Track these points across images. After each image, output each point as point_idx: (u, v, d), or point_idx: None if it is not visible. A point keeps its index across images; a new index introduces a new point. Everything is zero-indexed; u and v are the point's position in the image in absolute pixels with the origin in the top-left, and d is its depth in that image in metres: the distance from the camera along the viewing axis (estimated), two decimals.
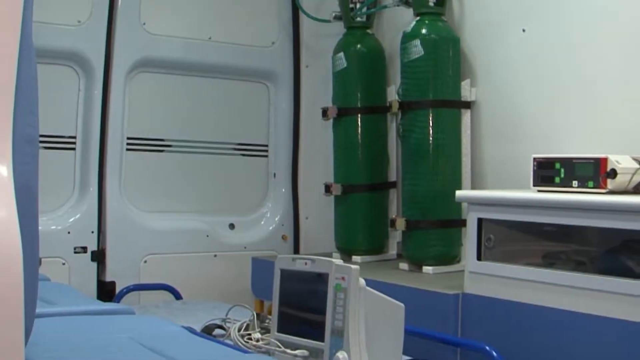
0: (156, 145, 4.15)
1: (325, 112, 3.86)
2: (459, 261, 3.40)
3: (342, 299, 2.20)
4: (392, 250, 3.90)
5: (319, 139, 4.22)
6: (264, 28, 4.38)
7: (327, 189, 3.87)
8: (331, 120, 3.91)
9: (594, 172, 2.56)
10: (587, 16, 3.14)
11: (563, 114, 3.22)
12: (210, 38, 4.18)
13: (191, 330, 2.49)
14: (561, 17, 3.23)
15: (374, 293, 2.28)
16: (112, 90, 3.93)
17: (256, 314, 2.59)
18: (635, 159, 2.61)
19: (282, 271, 2.41)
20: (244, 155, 4.39)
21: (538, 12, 3.32)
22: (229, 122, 4.34)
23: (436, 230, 3.42)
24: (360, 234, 3.85)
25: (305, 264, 2.33)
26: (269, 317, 2.51)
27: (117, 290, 3.84)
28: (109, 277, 3.89)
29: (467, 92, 3.52)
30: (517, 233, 2.86)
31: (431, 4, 3.52)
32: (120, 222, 3.96)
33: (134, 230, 4.01)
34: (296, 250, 4.43)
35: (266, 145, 4.45)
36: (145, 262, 4.00)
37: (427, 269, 3.40)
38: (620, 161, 2.55)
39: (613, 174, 2.51)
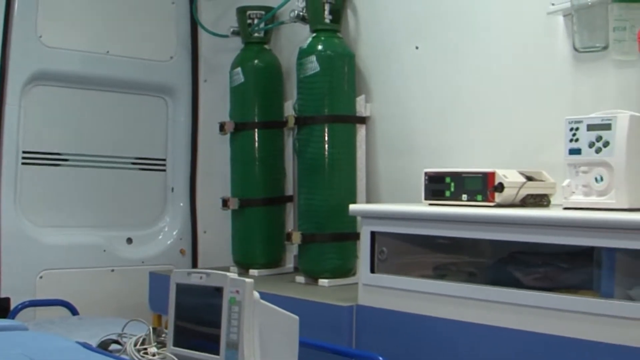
0: (53, 159, 4.08)
1: (222, 127, 3.86)
2: (354, 274, 3.44)
3: (237, 312, 2.22)
4: (289, 264, 3.91)
5: (217, 154, 4.22)
6: (162, 42, 4.36)
7: (225, 203, 3.87)
8: (228, 135, 3.90)
9: (483, 186, 2.63)
10: (477, 35, 3.23)
11: (454, 130, 3.29)
12: (108, 52, 4.14)
13: (86, 346, 2.47)
14: (452, 36, 3.31)
15: (268, 306, 2.30)
16: (7, 104, 3.85)
17: (152, 328, 2.58)
18: (522, 173, 2.69)
19: (178, 285, 2.41)
20: (141, 169, 4.36)
21: (431, 30, 3.40)
22: (127, 136, 4.30)
23: (331, 243, 3.45)
24: (257, 247, 3.86)
25: (201, 277, 2.34)
26: (166, 331, 2.51)
27: (12, 306, 3.76)
28: (3, 293, 3.79)
29: (362, 107, 3.57)
30: (409, 245, 2.92)
31: (327, 20, 3.56)
32: (14, 237, 3.87)
33: (29, 245, 3.92)
34: (194, 264, 4.41)
35: (164, 160, 4.43)
36: (41, 277, 3.93)
37: (322, 281, 3.42)
38: (508, 175, 2.63)
39: (500, 187, 2.59)
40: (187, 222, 4.44)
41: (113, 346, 2.63)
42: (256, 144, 3.85)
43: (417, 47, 3.44)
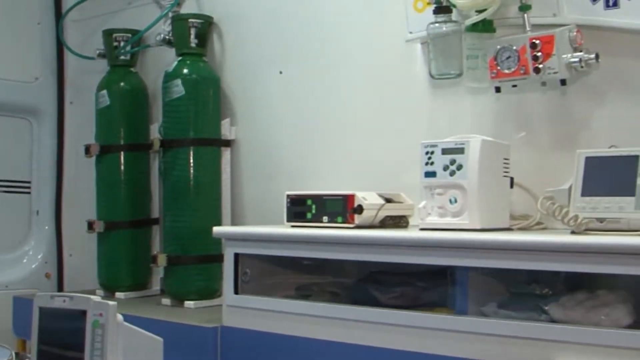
0: None
1: (88, 149, 3.81)
2: (220, 295, 3.43)
3: (100, 335, 2.19)
4: (156, 286, 3.88)
5: (82, 176, 4.15)
6: (26, 63, 4.27)
7: (90, 225, 3.81)
8: (94, 157, 3.85)
9: (343, 208, 2.67)
10: (339, 61, 3.30)
11: (317, 153, 3.34)
12: None
13: None
14: (315, 62, 3.37)
15: (132, 328, 2.28)
16: None
17: (16, 353, 2.53)
18: (381, 196, 2.75)
19: (41, 309, 2.36)
20: (5, 192, 4.25)
21: (294, 56, 3.44)
22: None
23: (197, 265, 3.44)
24: (122, 270, 3.81)
25: (64, 301, 2.30)
26: (29, 356, 2.46)
27: None
28: None
29: (227, 130, 3.58)
30: (273, 267, 2.94)
31: (193, 44, 3.57)
32: None
33: None
34: (60, 287, 4.32)
35: (29, 182, 4.33)
36: None
37: (188, 303, 3.41)
38: (367, 197, 2.68)
39: (360, 209, 2.64)
40: (52, 245, 4.35)
41: None
42: (122, 167, 3.80)
43: (281, 72, 3.48)
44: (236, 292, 2.87)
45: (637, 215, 2.15)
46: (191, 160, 3.45)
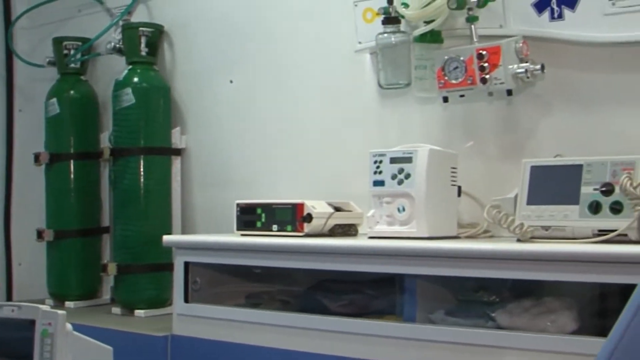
0: None
1: (37, 158, 3.77)
2: (170, 304, 3.41)
3: (49, 345, 2.16)
4: (106, 295, 3.84)
5: (32, 185, 4.10)
6: None
7: (39, 234, 3.77)
8: (44, 166, 3.81)
9: (292, 216, 2.67)
10: (288, 70, 3.30)
11: (267, 162, 3.34)
12: None
13: None
14: (266, 71, 3.37)
15: (81, 337, 2.26)
16: None
17: None
18: (330, 204, 2.76)
19: None
20: None
21: (245, 65, 3.44)
22: None
23: (147, 274, 3.42)
24: (72, 279, 3.76)
25: (12, 310, 2.27)
26: None
27: None
28: None
29: (177, 139, 3.57)
30: (223, 275, 2.93)
31: (143, 53, 3.55)
32: None
33: None
34: (9, 297, 4.25)
35: None
36: None
37: (139, 312, 3.39)
38: (316, 206, 2.69)
39: (309, 218, 2.64)
40: (1, 254, 4.29)
41: None
42: (71, 175, 3.76)
43: (231, 81, 3.47)
44: (186, 301, 2.85)
45: (581, 223, 2.18)
46: (141, 169, 3.43)
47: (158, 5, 3.73)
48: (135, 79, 3.49)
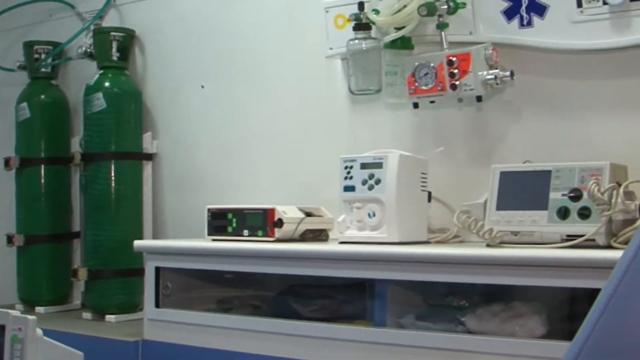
0: None
1: (7, 162, 3.74)
2: (141, 309, 3.39)
3: (19, 350, 2.15)
4: (77, 300, 3.81)
5: (2, 189, 4.06)
6: None
7: (9, 239, 3.73)
8: (14, 170, 3.78)
9: (263, 221, 2.67)
10: (261, 76, 3.31)
11: (238, 167, 3.34)
12: None
13: None
14: (238, 76, 3.37)
15: (52, 343, 2.24)
16: None
17: None
18: (301, 209, 2.76)
19: None
20: None
21: (217, 71, 3.44)
22: None
23: (118, 279, 3.40)
24: (43, 284, 3.73)
25: None
26: None
27: None
28: None
29: (148, 144, 3.56)
30: (194, 280, 2.92)
31: (114, 58, 3.53)
32: None
33: None
34: None
35: None
36: None
37: (109, 317, 3.37)
38: (287, 211, 2.68)
39: (280, 223, 2.64)
40: None
41: None
42: (42, 180, 3.73)
43: (202, 87, 3.47)
44: (157, 306, 2.84)
45: (550, 229, 2.20)
46: (112, 174, 3.42)
47: (129, 10, 3.72)
48: (107, 84, 3.47)
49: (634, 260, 1.00)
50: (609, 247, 2.11)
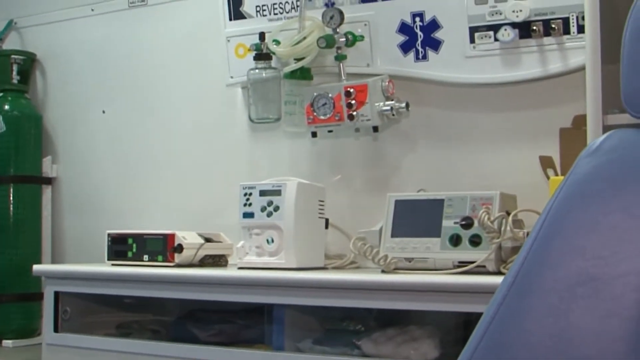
0: None
1: None
2: (39, 334, 3.33)
3: None
4: None
5: None
6: None
7: None
8: None
9: (163, 247, 2.64)
10: (162, 102, 3.29)
11: (139, 192, 3.30)
12: None
13: None
14: (139, 102, 3.34)
15: None
16: None
17: None
18: (201, 235, 2.74)
19: None
20: None
21: (117, 96, 3.39)
22: None
23: (16, 303, 3.33)
24: None
25: None
26: None
27: None
28: None
29: (48, 168, 3.50)
30: (94, 305, 2.87)
31: (15, 81, 3.48)
32: None
33: None
34: None
35: None
36: None
37: (7, 342, 3.29)
38: (187, 237, 2.67)
39: (180, 248, 2.62)
40: None
41: None
42: None
43: (104, 111, 3.43)
44: (56, 331, 2.78)
45: (443, 255, 2.23)
46: (11, 197, 3.36)
47: (31, 34, 3.65)
48: (6, 107, 3.42)
49: (513, 285, 1.03)
50: (498, 273, 2.16)
